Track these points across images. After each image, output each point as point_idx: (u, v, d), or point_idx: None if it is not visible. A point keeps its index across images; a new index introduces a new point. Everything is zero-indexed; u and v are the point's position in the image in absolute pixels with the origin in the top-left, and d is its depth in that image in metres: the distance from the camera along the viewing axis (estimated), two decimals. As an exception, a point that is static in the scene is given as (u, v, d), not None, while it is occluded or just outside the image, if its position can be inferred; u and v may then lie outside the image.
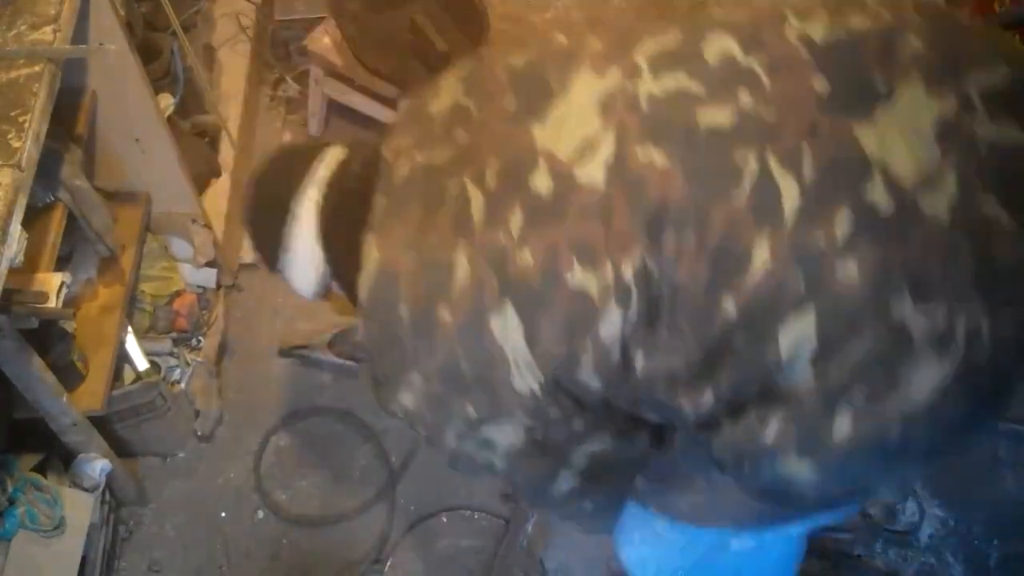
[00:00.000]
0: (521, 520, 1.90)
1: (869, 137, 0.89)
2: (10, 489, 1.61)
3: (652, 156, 0.92)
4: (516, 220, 0.95)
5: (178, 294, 2.07)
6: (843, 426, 0.93)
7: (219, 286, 2.19)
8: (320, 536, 1.96)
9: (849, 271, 0.88)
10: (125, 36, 1.64)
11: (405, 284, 1.01)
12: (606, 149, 0.93)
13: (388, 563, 1.91)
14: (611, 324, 0.96)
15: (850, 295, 0.88)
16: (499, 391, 1.01)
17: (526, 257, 0.95)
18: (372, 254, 1.04)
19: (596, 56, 1.00)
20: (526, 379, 1.00)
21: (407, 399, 1.07)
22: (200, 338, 2.08)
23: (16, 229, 1.24)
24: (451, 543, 1.93)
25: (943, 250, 0.88)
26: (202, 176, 2.21)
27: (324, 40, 2.34)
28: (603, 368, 0.99)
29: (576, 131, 0.95)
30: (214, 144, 2.31)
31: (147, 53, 1.96)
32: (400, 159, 1.06)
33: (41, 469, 1.71)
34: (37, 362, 1.49)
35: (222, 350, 2.17)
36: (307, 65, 2.49)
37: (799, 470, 0.98)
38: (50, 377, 1.53)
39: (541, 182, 0.95)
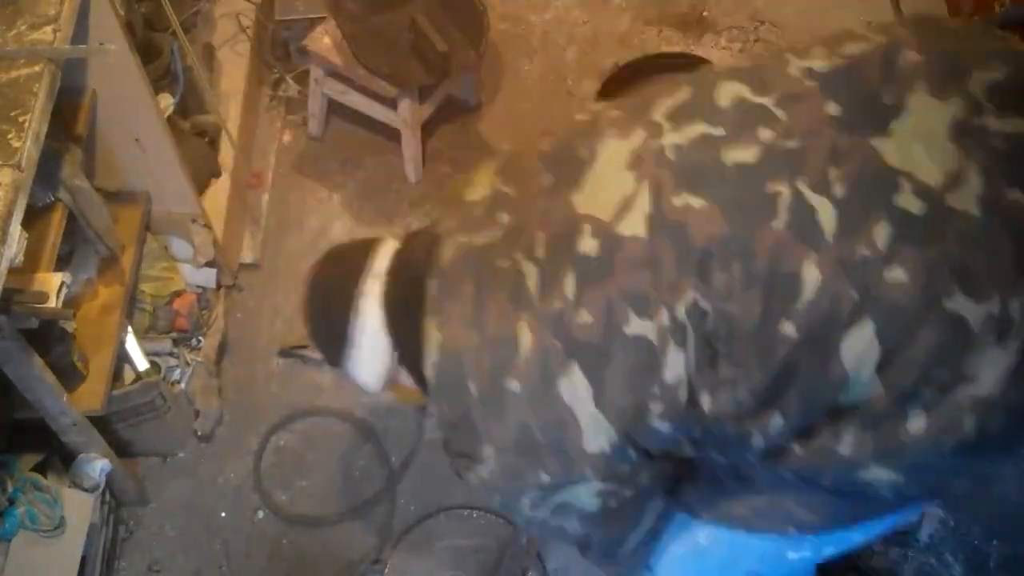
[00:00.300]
0: None
1: (889, 149, 0.94)
2: (10, 489, 1.61)
3: (688, 200, 0.96)
4: (570, 284, 0.99)
5: (178, 294, 2.07)
6: (917, 426, 0.97)
7: (219, 286, 2.20)
8: (320, 536, 1.96)
9: (897, 276, 0.91)
10: (125, 36, 1.64)
11: (470, 361, 1.04)
12: (643, 202, 0.98)
13: (388, 563, 1.91)
14: (674, 365, 0.98)
15: (903, 299, 0.92)
16: (571, 454, 1.04)
17: (585, 317, 0.98)
18: (433, 335, 1.07)
19: (617, 122, 1.07)
20: (598, 439, 1.03)
21: (483, 472, 1.10)
22: (200, 338, 2.08)
23: (16, 229, 1.24)
24: (451, 543, 1.93)
25: (980, 240, 0.92)
26: (202, 176, 2.21)
27: (324, 40, 2.34)
28: (672, 411, 1.01)
29: (612, 192, 1.00)
30: (214, 144, 2.31)
31: (147, 53, 1.96)
32: (445, 242, 1.10)
33: (41, 469, 1.71)
34: (37, 362, 1.49)
35: (222, 350, 2.17)
36: (307, 65, 2.49)
37: (879, 475, 1.02)
38: (50, 377, 1.53)
39: (588, 244, 0.99)
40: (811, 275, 0.93)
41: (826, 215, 0.93)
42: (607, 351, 0.98)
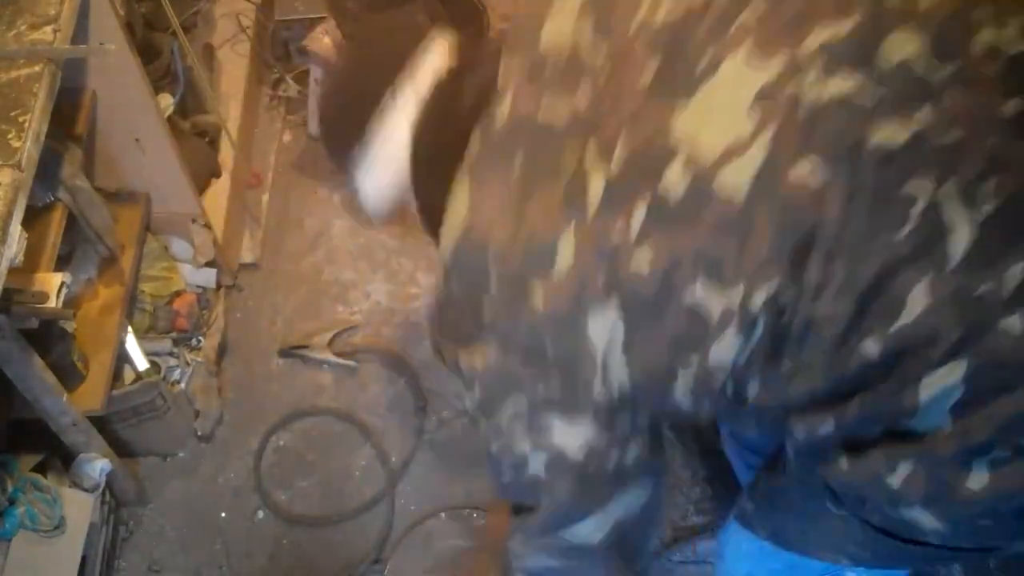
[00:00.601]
0: None
1: None
2: (10, 489, 1.61)
3: (807, 173, 0.80)
4: (637, 218, 0.84)
5: (178, 294, 2.07)
6: (979, 482, 0.85)
7: (219, 286, 2.19)
8: (320, 536, 1.96)
9: (1013, 325, 0.79)
10: (125, 36, 1.64)
11: (497, 252, 0.91)
12: (756, 156, 0.81)
13: (388, 563, 1.91)
14: (724, 350, 0.87)
15: (1013, 349, 0.79)
16: (577, 387, 0.92)
17: (642, 264, 0.85)
18: (463, 202, 0.93)
19: (758, 33, 0.82)
20: (610, 385, 0.92)
21: (477, 361, 0.97)
22: (200, 338, 2.08)
23: (16, 229, 1.24)
24: (451, 543, 1.93)
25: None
26: (202, 176, 2.21)
27: (324, 40, 2.34)
28: (700, 391, 0.92)
29: (723, 128, 0.82)
30: (214, 144, 2.31)
31: (147, 53, 1.96)
32: (505, 96, 0.92)
33: (41, 469, 1.71)
34: (37, 362, 1.49)
35: (222, 350, 2.17)
36: (307, 65, 2.49)
37: (924, 519, 0.90)
38: (50, 377, 1.53)
39: (673, 181, 0.82)
40: (919, 301, 0.79)
41: (960, 236, 0.78)
42: (655, 306, 0.86)
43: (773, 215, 0.81)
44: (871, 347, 0.83)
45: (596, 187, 0.86)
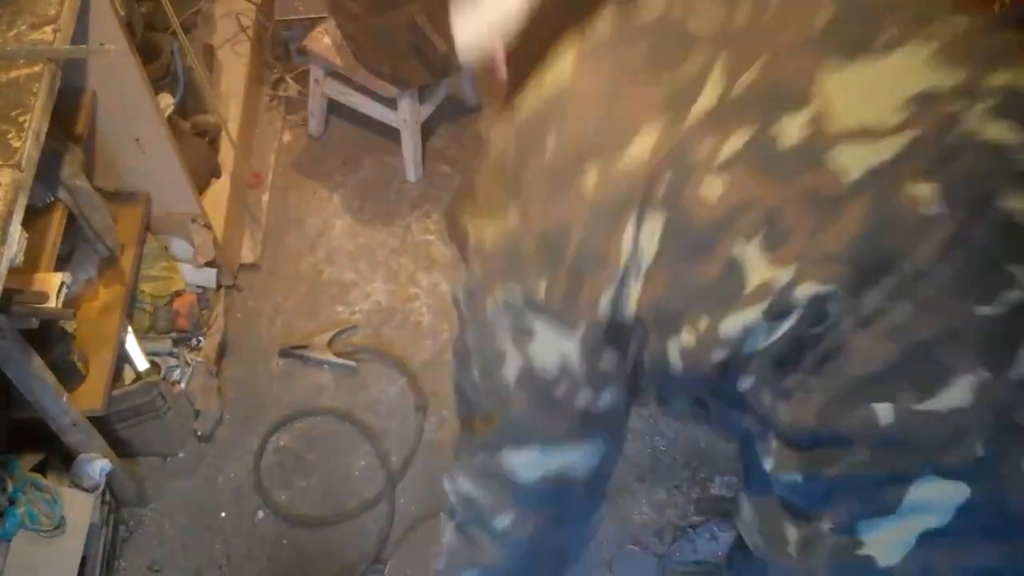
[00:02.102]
0: None
1: None
2: (10, 489, 1.61)
3: (924, 197, 0.73)
4: (734, 143, 0.77)
5: (178, 294, 2.07)
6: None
7: (219, 286, 2.20)
8: (320, 536, 1.96)
9: None
10: (125, 36, 1.64)
11: (577, 123, 0.84)
12: (883, 151, 0.75)
13: (388, 563, 1.91)
14: (740, 326, 0.80)
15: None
16: (580, 298, 0.84)
17: (715, 188, 0.77)
18: (566, 70, 0.86)
19: (949, 46, 0.78)
20: (615, 306, 0.84)
21: (489, 235, 0.90)
22: (200, 338, 2.08)
23: (16, 229, 1.24)
24: (451, 543, 1.93)
25: None
26: (202, 176, 2.21)
27: (324, 40, 2.34)
28: (693, 357, 0.84)
29: (869, 107, 0.77)
30: (214, 144, 2.31)
31: (147, 53, 1.96)
32: None
33: (41, 469, 1.71)
34: (37, 362, 1.49)
35: (222, 350, 2.17)
36: (307, 65, 2.49)
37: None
38: (50, 377, 1.53)
39: (792, 128, 0.76)
40: (964, 393, 0.73)
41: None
42: (699, 244, 0.79)
43: (867, 218, 0.74)
44: (885, 414, 0.75)
45: (707, 99, 0.79)
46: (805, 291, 0.76)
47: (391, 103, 2.34)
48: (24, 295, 1.40)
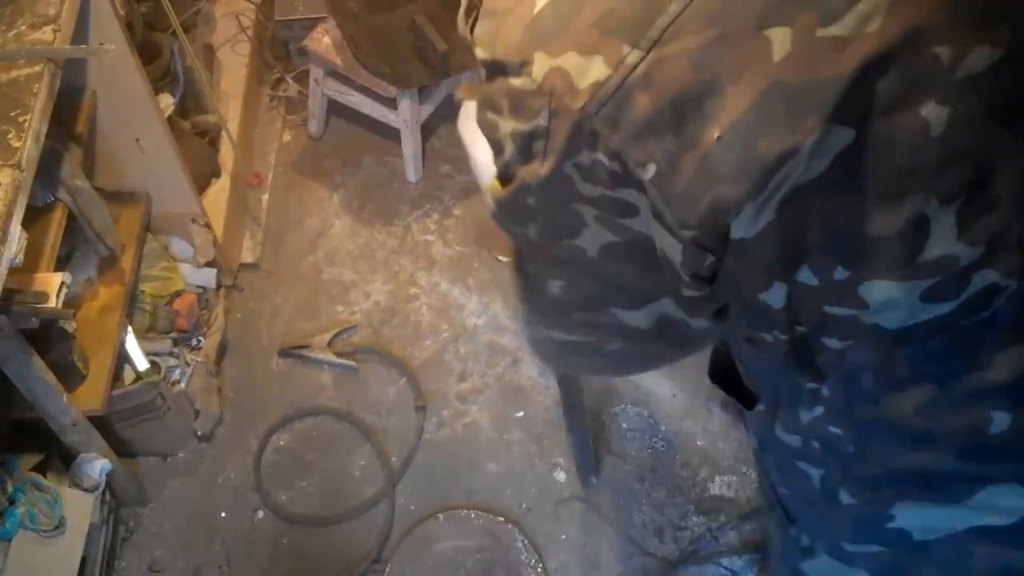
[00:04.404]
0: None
1: None
2: (10, 489, 1.61)
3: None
4: (976, 60, 0.62)
5: (178, 294, 2.07)
6: None
7: (219, 286, 2.20)
8: (320, 536, 1.96)
9: None
10: (125, 36, 1.64)
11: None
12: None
13: (388, 563, 1.91)
14: (886, 295, 0.68)
15: None
16: (706, 199, 0.67)
17: (933, 121, 0.63)
18: None
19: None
20: (745, 217, 0.68)
21: (591, 70, 0.69)
22: (200, 338, 2.08)
23: (16, 229, 1.24)
24: (451, 543, 1.93)
25: None
26: (202, 176, 2.21)
27: (324, 40, 2.34)
28: (794, 306, 0.73)
29: None
30: (214, 144, 2.31)
31: (147, 53, 1.96)
32: None
33: (41, 469, 1.71)
34: (37, 362, 1.49)
35: (222, 350, 2.17)
36: (307, 65, 2.49)
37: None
38: (50, 377, 1.53)
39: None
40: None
41: None
42: (893, 188, 0.65)
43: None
44: (1000, 423, 0.71)
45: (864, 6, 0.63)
46: (982, 279, 0.65)
47: (391, 103, 2.34)
48: (24, 295, 1.40)
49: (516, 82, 0.74)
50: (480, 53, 0.78)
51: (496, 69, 0.76)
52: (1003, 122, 0.62)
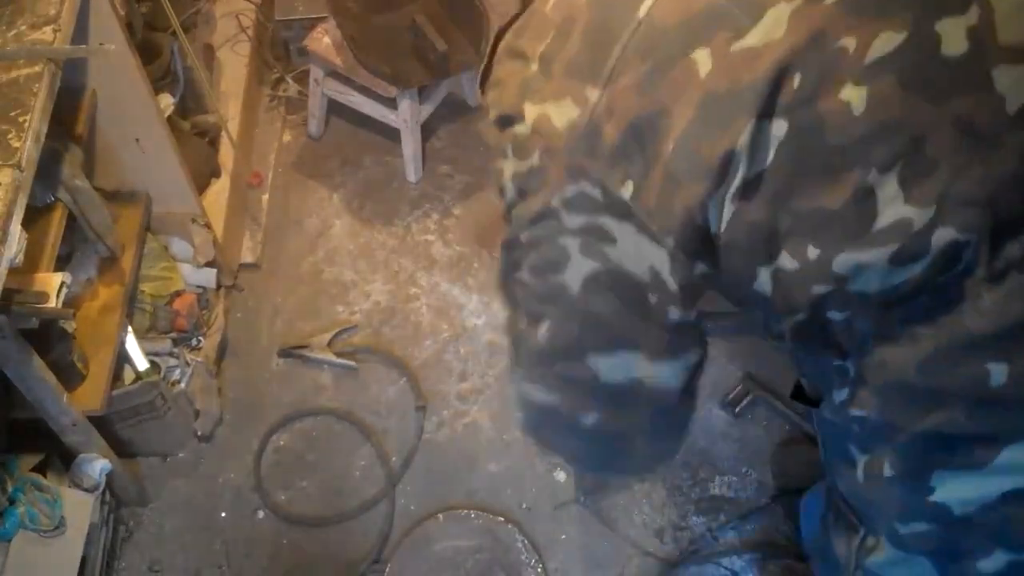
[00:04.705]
0: None
1: None
2: (10, 489, 1.61)
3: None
4: (882, 46, 0.70)
5: (178, 294, 2.07)
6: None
7: (219, 286, 2.19)
8: (320, 536, 1.96)
9: None
10: (125, 36, 1.64)
11: None
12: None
13: (388, 563, 1.91)
14: (855, 263, 0.75)
15: None
16: (676, 199, 0.77)
17: (852, 101, 0.70)
18: None
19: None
20: (714, 214, 0.78)
21: (555, 116, 0.82)
22: (200, 338, 2.08)
23: (16, 229, 1.24)
24: (451, 543, 1.93)
25: None
26: (202, 176, 2.21)
27: (324, 40, 2.34)
28: (785, 289, 0.80)
29: None
30: (214, 144, 2.31)
31: (147, 53, 1.96)
32: None
33: (41, 469, 1.71)
34: (37, 362, 1.49)
35: (222, 350, 2.17)
36: (307, 65, 2.49)
37: None
38: (50, 377, 1.53)
39: (955, 38, 0.68)
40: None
41: None
42: (832, 165, 0.73)
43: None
44: (998, 375, 0.74)
45: None
46: (942, 237, 0.70)
47: (391, 103, 2.34)
48: (24, 295, 1.40)
49: (517, 129, 0.88)
50: (492, 113, 0.93)
51: (504, 122, 0.91)
52: (923, 94, 0.68)
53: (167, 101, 2.06)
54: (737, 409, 2.04)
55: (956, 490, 0.83)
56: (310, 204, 2.48)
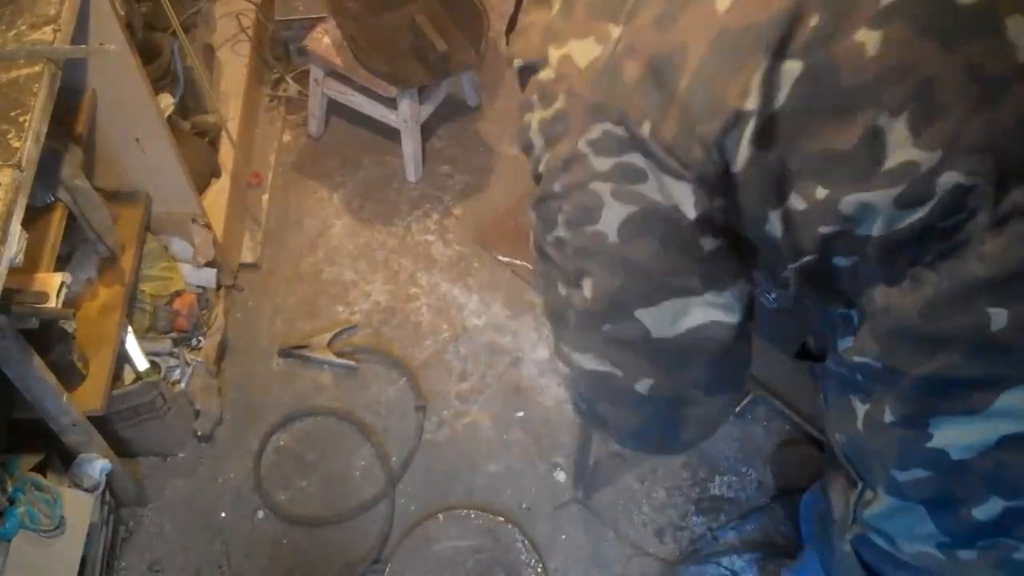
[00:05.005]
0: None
1: None
2: (10, 489, 1.61)
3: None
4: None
5: (178, 294, 2.07)
6: None
7: (219, 286, 2.20)
8: (320, 536, 1.96)
9: None
10: (125, 36, 1.64)
11: None
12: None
13: (388, 563, 1.91)
14: (861, 204, 0.76)
15: None
16: (693, 137, 0.79)
17: (866, 44, 0.73)
18: None
19: None
20: (731, 151, 0.80)
21: (582, 56, 0.84)
22: (200, 338, 2.08)
23: (16, 229, 1.24)
24: (451, 544, 1.93)
25: None
26: (202, 176, 2.21)
27: (324, 40, 2.34)
28: (794, 228, 0.81)
29: None
30: (214, 144, 2.31)
31: (147, 53, 1.96)
32: None
33: (41, 469, 1.71)
34: (37, 362, 1.49)
35: (222, 350, 2.17)
36: (307, 65, 2.49)
37: None
38: (50, 377, 1.53)
39: None
40: None
41: None
42: (845, 107, 0.75)
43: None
44: (998, 320, 0.75)
45: None
46: (947, 181, 0.72)
47: (391, 103, 2.34)
48: (24, 295, 1.40)
49: (542, 75, 0.90)
50: (516, 63, 0.94)
51: (528, 70, 0.93)
52: (935, 40, 0.70)
53: (167, 101, 2.06)
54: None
55: (954, 435, 0.85)
56: (310, 204, 2.48)
